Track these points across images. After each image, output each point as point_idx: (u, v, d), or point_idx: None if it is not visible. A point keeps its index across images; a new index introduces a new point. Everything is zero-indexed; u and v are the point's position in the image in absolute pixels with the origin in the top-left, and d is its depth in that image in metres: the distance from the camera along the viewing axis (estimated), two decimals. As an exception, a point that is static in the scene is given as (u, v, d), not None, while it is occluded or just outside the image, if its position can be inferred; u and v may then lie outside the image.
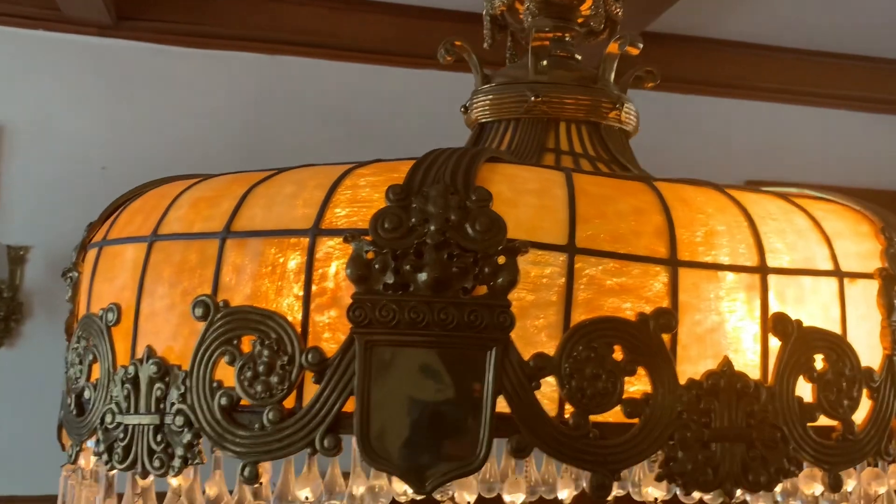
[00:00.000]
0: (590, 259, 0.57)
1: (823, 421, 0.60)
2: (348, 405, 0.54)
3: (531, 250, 0.55)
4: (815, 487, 0.60)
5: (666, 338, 0.56)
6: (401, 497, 0.68)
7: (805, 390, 0.60)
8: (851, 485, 0.62)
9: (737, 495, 0.57)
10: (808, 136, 2.93)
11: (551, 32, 0.84)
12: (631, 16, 1.08)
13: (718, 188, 0.64)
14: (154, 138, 2.60)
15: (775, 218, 0.63)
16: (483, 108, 0.84)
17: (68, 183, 2.53)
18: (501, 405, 0.54)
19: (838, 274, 0.63)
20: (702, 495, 0.60)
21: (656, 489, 0.58)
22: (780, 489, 0.62)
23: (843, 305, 0.62)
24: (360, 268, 0.55)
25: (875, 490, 0.62)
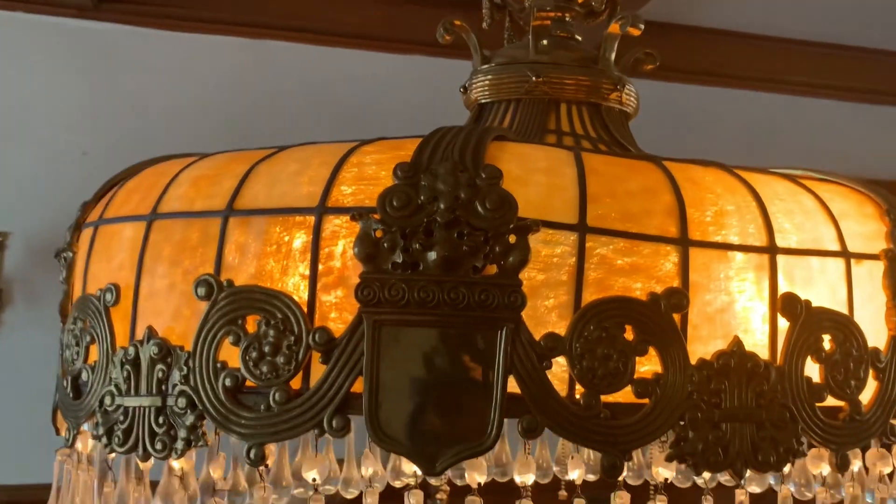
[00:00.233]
0: (600, 238, 0.56)
1: (830, 402, 0.60)
2: (356, 385, 0.53)
3: (542, 229, 0.55)
4: (822, 467, 0.60)
5: (676, 318, 0.56)
6: (409, 479, 0.67)
7: (813, 371, 0.59)
8: (857, 465, 0.62)
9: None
10: (791, 125, 2.94)
11: (552, 12, 0.83)
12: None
13: (726, 168, 0.63)
14: (135, 123, 2.56)
15: (783, 198, 0.63)
16: (482, 88, 0.83)
17: (48, 168, 2.49)
18: (512, 386, 0.53)
19: (845, 255, 0.62)
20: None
21: (666, 469, 0.58)
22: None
23: (849, 286, 0.62)
24: (368, 246, 0.54)
25: (880, 470, 0.62)
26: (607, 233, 0.56)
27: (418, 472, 0.58)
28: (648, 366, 0.56)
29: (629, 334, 0.55)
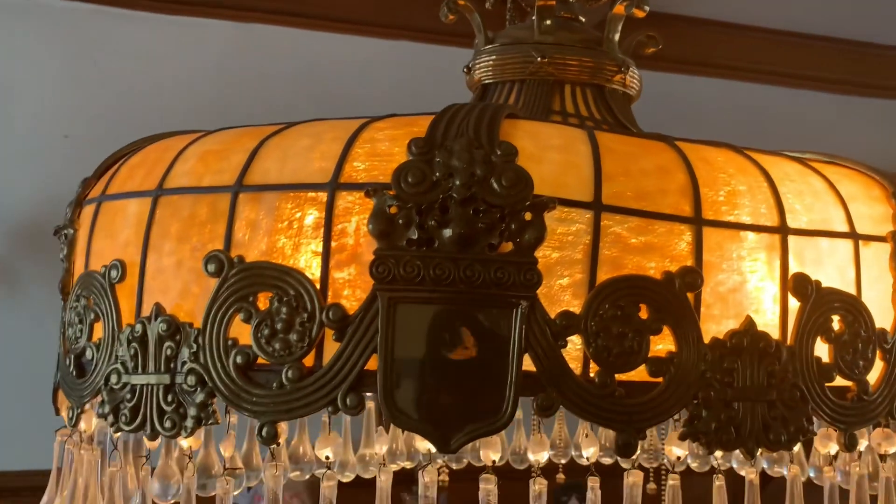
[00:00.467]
0: (615, 217, 0.56)
1: (838, 382, 0.60)
2: (370, 363, 0.53)
3: (557, 207, 0.54)
4: (830, 447, 0.61)
5: (690, 297, 0.56)
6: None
7: (822, 351, 0.60)
8: (863, 444, 0.62)
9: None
10: (779, 115, 2.96)
11: (556, -7, 0.83)
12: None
13: (737, 149, 0.63)
14: (118, 106, 2.52)
15: (793, 179, 0.63)
16: (486, 68, 0.82)
17: (29, 151, 2.45)
18: (526, 364, 0.53)
19: (853, 236, 0.63)
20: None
21: (679, 448, 0.58)
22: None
23: (857, 267, 0.62)
24: (383, 223, 0.53)
25: (885, 449, 0.63)
26: (622, 211, 0.56)
27: (433, 450, 0.58)
28: (662, 345, 0.56)
29: (644, 313, 0.55)
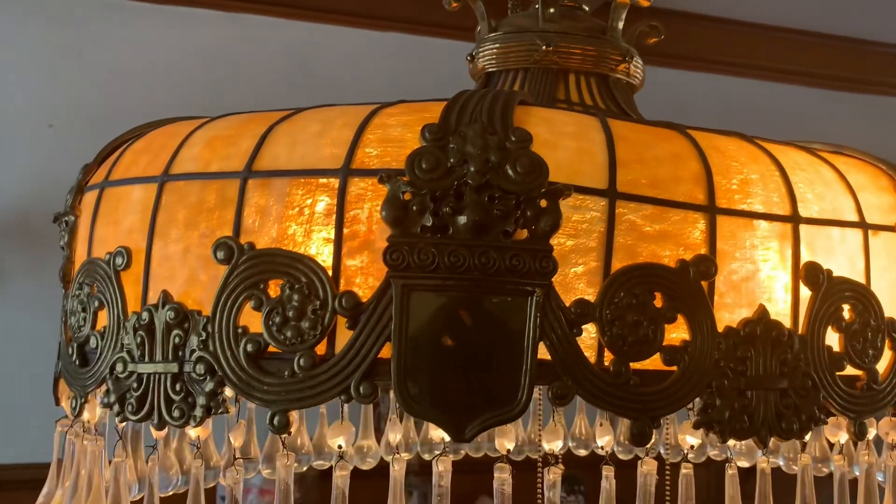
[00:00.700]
0: (629, 204, 0.55)
1: (848, 371, 0.60)
2: (384, 351, 0.52)
3: (572, 194, 0.54)
4: (840, 436, 0.61)
5: (704, 285, 0.56)
6: (435, 448, 0.67)
7: (833, 340, 0.60)
8: (872, 433, 0.62)
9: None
10: (765, 110, 2.98)
11: (561, -19, 0.82)
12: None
13: (747, 138, 0.63)
14: (104, 95, 2.49)
15: (804, 169, 0.63)
16: (490, 56, 0.82)
17: (13, 140, 2.42)
18: (541, 352, 0.53)
19: (863, 225, 0.63)
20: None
21: (692, 437, 0.58)
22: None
23: (867, 257, 0.62)
24: (397, 209, 0.52)
25: (893, 438, 0.63)
26: (637, 199, 0.55)
27: (447, 439, 0.57)
28: (675, 333, 0.55)
29: (658, 301, 0.54)
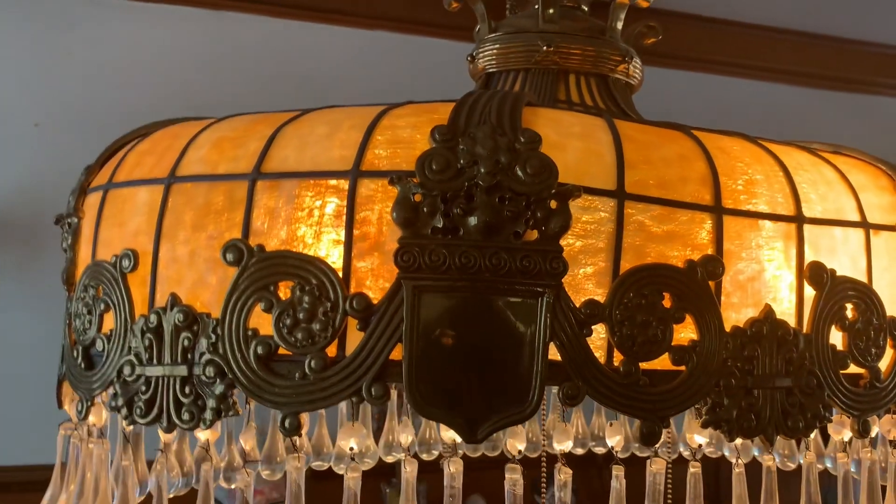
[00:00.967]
0: (638, 205, 0.56)
1: (851, 369, 0.61)
2: (395, 352, 0.52)
3: (582, 195, 0.54)
4: (844, 434, 0.62)
5: (711, 285, 0.56)
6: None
7: (836, 338, 0.60)
8: (875, 431, 0.63)
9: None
10: (753, 109, 3.00)
11: (560, -19, 0.82)
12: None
13: (750, 139, 0.64)
14: (91, 94, 2.47)
15: (806, 169, 0.63)
16: (490, 57, 0.82)
17: (-2, 139, 2.40)
18: (551, 353, 0.53)
19: (865, 225, 0.63)
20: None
21: (700, 436, 0.58)
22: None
23: (868, 256, 0.63)
24: (408, 211, 0.52)
25: (895, 436, 0.64)
26: (645, 199, 0.56)
27: (458, 440, 0.57)
28: (683, 333, 0.56)
29: (667, 301, 0.55)
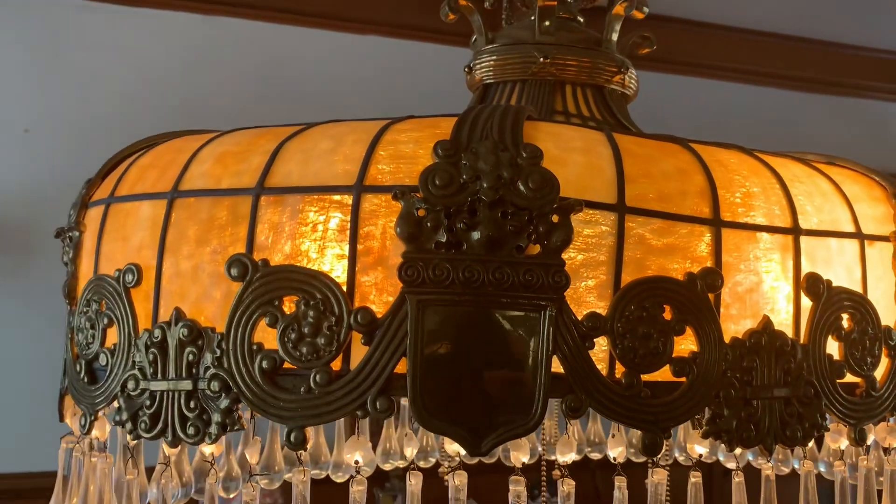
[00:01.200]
0: (638, 219, 0.56)
1: (847, 378, 0.62)
2: (399, 366, 0.53)
3: (583, 209, 0.55)
4: (841, 442, 0.62)
5: (711, 297, 0.57)
6: (452, 461, 0.67)
7: (833, 348, 0.61)
8: (870, 439, 0.64)
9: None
10: (740, 112, 3.02)
11: (557, -7, 0.83)
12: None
13: (747, 151, 0.64)
14: (80, 100, 2.47)
15: (802, 181, 0.64)
16: (488, 68, 0.82)
17: (-13, 145, 2.39)
18: (554, 366, 0.53)
19: (859, 236, 0.64)
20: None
21: (701, 446, 0.59)
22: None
23: (863, 267, 0.64)
24: (411, 226, 0.53)
25: (890, 443, 0.65)
26: (645, 213, 0.56)
27: (462, 452, 0.58)
28: (683, 345, 0.56)
29: (668, 314, 0.55)
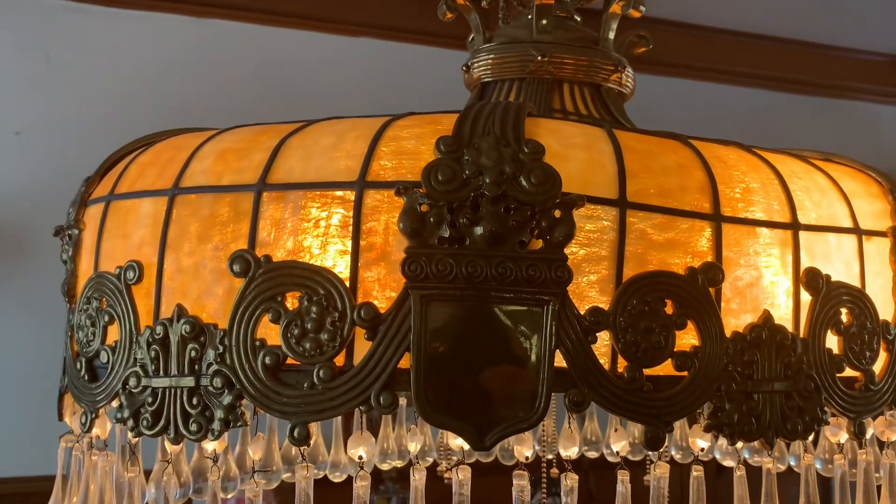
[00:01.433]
0: (639, 214, 0.57)
1: (847, 372, 0.62)
2: (403, 361, 0.53)
3: (585, 204, 0.55)
4: (840, 436, 0.63)
5: (712, 291, 0.57)
6: (450, 460, 0.67)
7: (832, 342, 0.62)
8: (869, 433, 0.64)
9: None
10: (729, 114, 3.03)
11: (554, -8, 0.83)
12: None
13: (745, 147, 0.65)
14: (72, 102, 2.46)
15: (800, 177, 0.64)
16: (486, 67, 0.83)
17: (-23, 148, 2.38)
18: (557, 360, 0.54)
19: (857, 231, 0.65)
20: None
21: (703, 440, 0.59)
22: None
23: (861, 261, 0.64)
24: (414, 221, 0.53)
25: (888, 437, 0.65)
26: (647, 208, 0.57)
27: (465, 447, 0.58)
28: (685, 339, 0.57)
29: (669, 308, 0.56)
